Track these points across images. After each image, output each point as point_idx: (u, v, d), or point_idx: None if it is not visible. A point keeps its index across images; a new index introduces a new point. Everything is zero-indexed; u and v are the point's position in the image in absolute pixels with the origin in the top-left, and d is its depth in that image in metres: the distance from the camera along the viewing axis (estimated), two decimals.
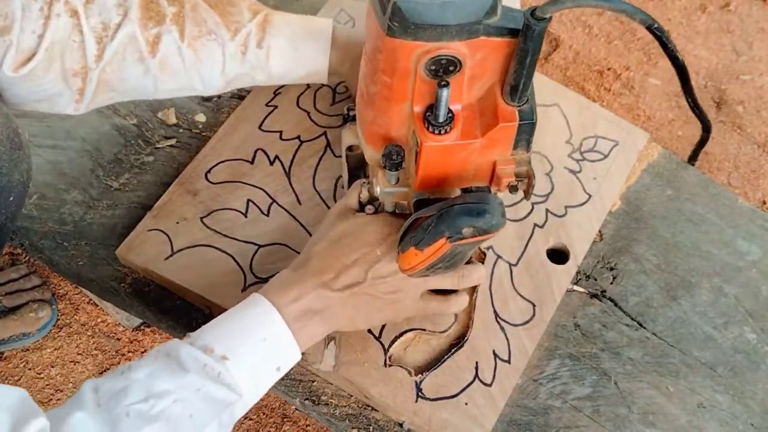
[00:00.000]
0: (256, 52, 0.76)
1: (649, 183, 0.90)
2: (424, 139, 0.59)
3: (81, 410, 0.56)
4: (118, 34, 0.71)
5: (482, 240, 0.59)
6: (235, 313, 0.65)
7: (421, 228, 0.59)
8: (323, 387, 0.77)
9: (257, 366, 0.63)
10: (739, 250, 0.86)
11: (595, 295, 0.83)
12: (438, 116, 0.58)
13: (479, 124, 0.60)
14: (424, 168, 0.62)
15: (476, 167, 0.63)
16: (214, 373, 0.60)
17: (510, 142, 0.61)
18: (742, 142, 1.65)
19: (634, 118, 1.66)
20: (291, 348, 0.65)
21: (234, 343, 0.62)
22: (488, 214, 0.57)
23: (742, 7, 1.83)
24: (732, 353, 0.80)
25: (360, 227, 0.68)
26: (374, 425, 0.75)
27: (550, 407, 0.76)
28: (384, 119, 0.62)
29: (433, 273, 0.64)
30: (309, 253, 0.69)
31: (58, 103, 0.74)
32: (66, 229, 0.85)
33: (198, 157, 0.86)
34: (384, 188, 0.67)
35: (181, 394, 0.58)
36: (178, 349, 0.61)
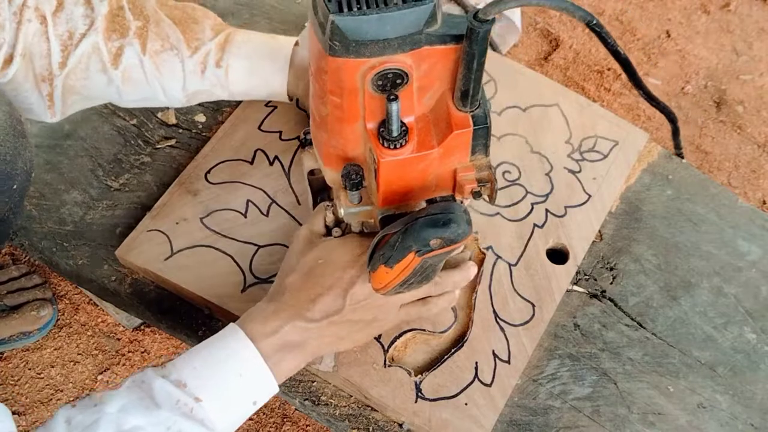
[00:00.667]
0: (215, 71, 0.77)
1: (649, 183, 0.90)
2: (381, 155, 0.58)
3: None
4: (82, 43, 0.72)
5: (451, 250, 0.58)
6: (211, 346, 0.64)
7: (388, 245, 0.58)
8: (323, 387, 0.77)
9: (231, 401, 0.62)
10: (739, 250, 0.86)
11: (595, 295, 0.83)
12: (392, 131, 0.57)
13: (434, 134, 0.59)
14: (385, 184, 0.61)
15: (437, 177, 0.62)
16: (187, 409, 0.59)
17: (467, 149, 0.60)
18: (742, 142, 1.65)
19: (634, 118, 1.66)
20: (267, 382, 0.64)
21: (208, 378, 0.61)
22: (453, 224, 0.56)
23: (742, 7, 1.83)
24: (732, 353, 0.80)
25: (330, 252, 0.67)
26: (374, 425, 0.75)
27: (549, 407, 0.76)
28: (339, 140, 0.61)
29: (407, 288, 0.63)
30: (282, 285, 0.68)
31: (35, 110, 0.75)
32: (66, 229, 0.85)
33: (198, 158, 0.86)
34: (348, 209, 0.66)
35: (151, 430, 0.58)
36: (152, 383, 0.60)
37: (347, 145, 0.62)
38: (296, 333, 0.65)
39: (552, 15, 1.83)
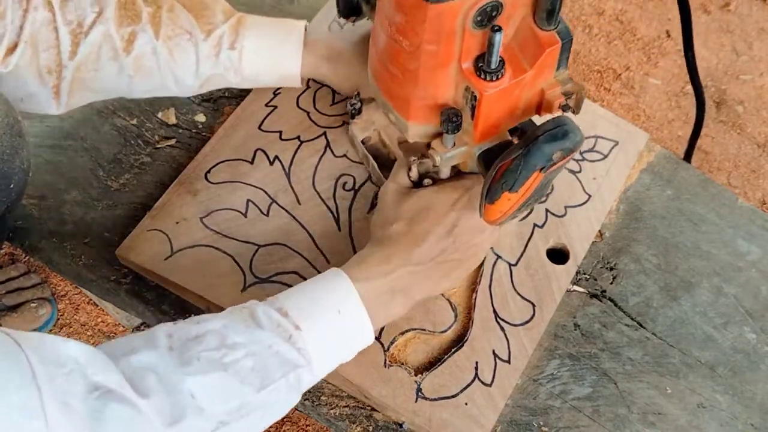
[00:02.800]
0: (229, 53, 0.77)
1: (649, 183, 0.90)
2: (484, 89, 0.60)
3: (153, 350, 0.57)
4: (93, 31, 0.72)
5: (569, 159, 0.61)
6: (316, 284, 0.66)
7: (509, 171, 0.60)
8: (323, 387, 0.77)
9: (328, 339, 0.63)
10: (739, 250, 0.86)
11: (595, 295, 0.83)
12: (491, 63, 0.59)
13: (524, 58, 0.61)
14: (485, 119, 0.63)
15: (526, 102, 0.64)
16: (286, 335, 0.61)
17: (554, 66, 0.63)
18: (742, 142, 1.65)
19: (634, 118, 1.66)
20: (365, 327, 0.65)
21: (309, 311, 0.63)
22: (571, 133, 0.59)
23: (742, 7, 1.83)
24: (732, 353, 0.80)
25: (429, 199, 0.71)
26: (374, 425, 0.75)
27: (550, 407, 0.76)
28: (430, 89, 0.63)
29: (522, 211, 0.66)
30: (386, 234, 0.70)
31: (38, 101, 0.75)
32: (66, 229, 0.85)
33: (198, 157, 0.87)
34: (445, 155, 0.68)
35: (252, 348, 0.59)
36: (255, 308, 0.62)
37: (438, 92, 0.64)
38: (405, 277, 0.68)
39: None
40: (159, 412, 0.54)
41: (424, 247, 0.68)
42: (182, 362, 0.57)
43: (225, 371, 0.57)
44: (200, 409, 0.55)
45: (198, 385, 0.56)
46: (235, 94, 0.94)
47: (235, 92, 0.94)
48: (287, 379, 0.60)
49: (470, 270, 0.75)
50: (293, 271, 0.79)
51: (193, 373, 0.56)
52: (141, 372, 0.55)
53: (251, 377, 0.58)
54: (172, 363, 0.56)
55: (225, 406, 0.57)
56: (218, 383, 0.57)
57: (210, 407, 0.56)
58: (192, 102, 0.94)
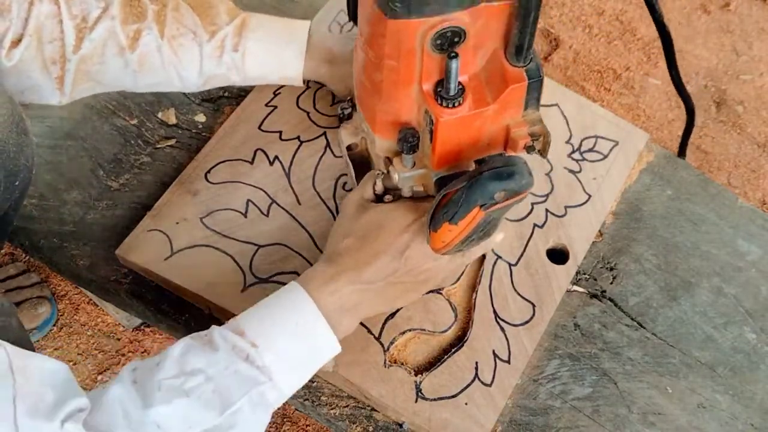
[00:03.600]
0: (232, 55, 0.78)
1: (648, 183, 0.90)
2: (439, 114, 0.59)
3: (118, 384, 0.58)
4: (98, 27, 0.72)
5: (514, 202, 0.60)
6: (271, 300, 0.66)
7: (452, 202, 0.59)
8: (323, 387, 0.77)
9: (289, 352, 0.63)
10: (739, 250, 0.86)
11: (595, 295, 0.83)
12: (449, 89, 0.58)
13: (488, 91, 0.60)
14: (441, 144, 0.62)
15: (490, 136, 0.63)
16: (243, 354, 0.61)
17: (521, 104, 0.62)
18: (742, 142, 1.65)
19: (634, 118, 1.66)
20: (327, 336, 0.65)
21: (265, 327, 0.63)
22: (517, 175, 0.58)
23: (742, 7, 1.83)
24: (732, 353, 0.80)
25: (384, 216, 0.69)
26: (374, 425, 0.75)
27: (550, 407, 0.76)
28: (393, 105, 0.63)
29: (467, 246, 0.65)
30: (338, 249, 0.69)
31: (42, 92, 0.75)
32: (66, 229, 0.85)
33: (198, 157, 0.86)
34: (402, 174, 0.67)
35: (210, 371, 0.59)
36: (212, 333, 0.62)
37: (401, 110, 0.63)
38: (354, 295, 0.67)
39: (552, 15, 1.82)
40: None
41: (374, 267, 0.67)
42: (144, 394, 0.57)
43: (188, 397, 0.57)
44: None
45: (162, 415, 0.56)
46: (235, 94, 0.94)
47: (235, 92, 0.94)
48: (250, 397, 0.60)
49: (422, 292, 0.73)
50: (293, 272, 0.79)
51: (156, 403, 0.56)
52: (108, 408, 0.56)
53: (213, 400, 0.58)
54: (135, 396, 0.57)
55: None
56: (181, 411, 0.57)
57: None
58: (192, 102, 0.94)
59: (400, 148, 0.65)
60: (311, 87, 0.91)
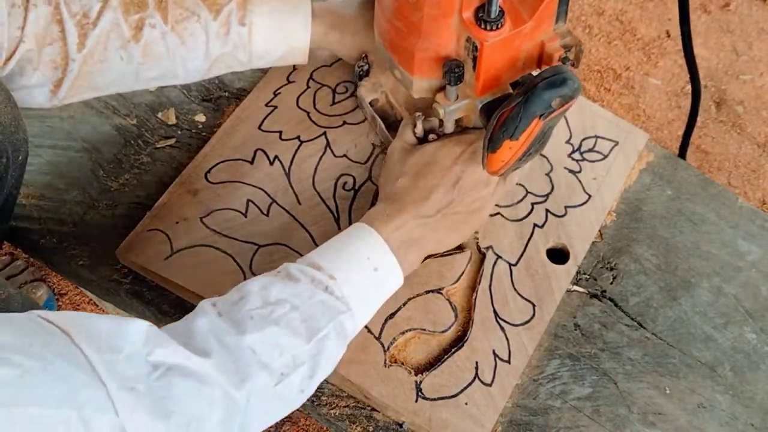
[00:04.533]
0: (239, 29, 0.78)
1: (648, 183, 0.90)
2: (484, 38, 0.62)
3: (203, 318, 0.59)
4: (101, 20, 0.72)
5: (568, 108, 0.62)
6: (340, 237, 0.69)
7: (509, 119, 0.62)
8: (323, 387, 0.77)
9: (363, 285, 0.66)
10: (739, 250, 0.86)
11: (595, 295, 0.83)
12: (491, 12, 0.61)
13: (523, 9, 0.63)
14: (486, 69, 0.65)
15: (527, 54, 0.66)
16: (323, 286, 0.63)
17: (553, 17, 0.65)
18: (742, 142, 1.65)
19: (634, 118, 1.66)
20: (394, 271, 0.68)
21: (340, 262, 0.66)
22: (569, 80, 0.61)
23: (742, 7, 1.83)
24: (732, 353, 0.80)
25: (433, 154, 0.73)
26: (374, 425, 0.75)
27: (550, 407, 0.76)
28: (433, 40, 0.65)
29: (524, 161, 0.67)
30: (393, 189, 0.73)
31: (33, 95, 0.74)
32: (66, 229, 0.85)
33: (198, 157, 0.86)
34: (448, 107, 0.70)
35: (294, 301, 0.61)
36: (288, 267, 0.65)
37: (441, 44, 0.66)
38: (417, 229, 0.70)
39: None
40: (225, 373, 0.56)
41: (431, 200, 0.71)
42: (235, 323, 0.59)
43: (277, 325, 0.59)
44: (263, 365, 0.58)
45: (257, 342, 0.58)
46: (235, 94, 0.94)
47: (235, 92, 0.94)
48: (334, 325, 0.62)
49: (477, 226, 0.77)
50: None
51: (250, 330, 0.58)
52: (200, 336, 0.57)
53: (301, 328, 0.60)
54: (225, 325, 0.59)
55: (282, 358, 0.59)
56: (274, 337, 0.59)
57: (271, 361, 0.58)
58: (192, 102, 0.94)
59: (447, 81, 0.67)
60: (311, 87, 0.91)
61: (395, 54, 0.71)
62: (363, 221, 0.70)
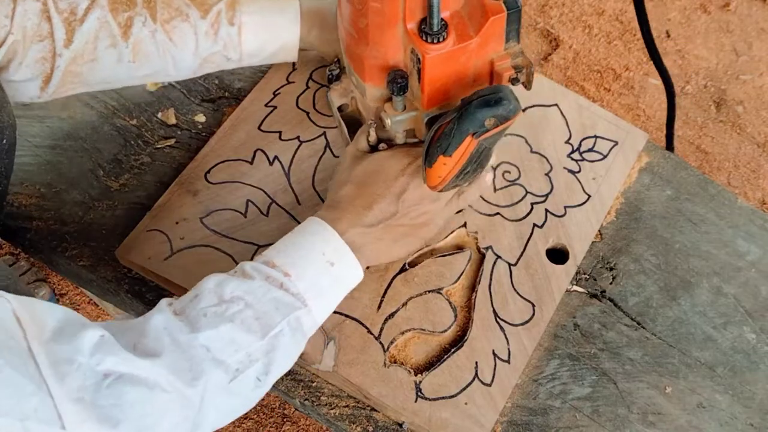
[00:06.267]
0: (228, 29, 0.78)
1: (648, 183, 0.90)
2: (426, 51, 0.61)
3: (158, 315, 0.59)
4: (88, 18, 0.72)
5: (504, 129, 0.61)
6: (295, 233, 0.68)
7: (444, 135, 0.61)
8: (323, 387, 0.77)
9: (319, 280, 0.65)
10: (739, 250, 0.86)
11: (595, 295, 0.83)
12: (433, 25, 0.60)
13: (471, 25, 0.62)
14: (430, 82, 0.64)
15: (475, 71, 0.65)
16: (277, 283, 0.63)
17: (502, 36, 0.64)
18: (742, 142, 1.65)
19: (634, 118, 1.66)
20: (352, 264, 0.68)
21: (295, 258, 0.65)
22: (505, 101, 0.59)
23: (742, 7, 1.83)
24: (731, 353, 0.80)
25: (380, 163, 0.72)
26: (374, 425, 0.75)
27: (549, 407, 0.76)
28: (380, 49, 0.65)
29: (463, 179, 0.67)
30: (337, 197, 0.72)
31: (23, 89, 0.74)
32: (66, 229, 0.85)
33: (197, 158, 0.87)
34: (394, 118, 0.69)
35: (248, 298, 0.61)
36: (243, 266, 0.65)
37: (388, 53, 0.65)
38: (357, 237, 0.69)
39: (552, 15, 1.83)
40: (177, 372, 0.56)
41: (374, 210, 0.70)
42: (189, 321, 0.59)
43: (231, 322, 0.59)
44: (218, 361, 0.58)
45: (210, 339, 0.58)
46: (235, 94, 0.94)
47: (235, 92, 0.94)
48: (288, 321, 0.62)
49: (425, 239, 0.75)
50: None
51: (204, 328, 0.58)
52: (153, 334, 0.57)
53: (254, 325, 0.60)
54: (180, 323, 0.59)
55: (237, 355, 0.59)
56: (228, 334, 0.59)
57: (226, 358, 0.58)
58: (192, 102, 0.94)
59: (390, 90, 0.67)
60: (310, 87, 0.91)
61: (350, 60, 0.70)
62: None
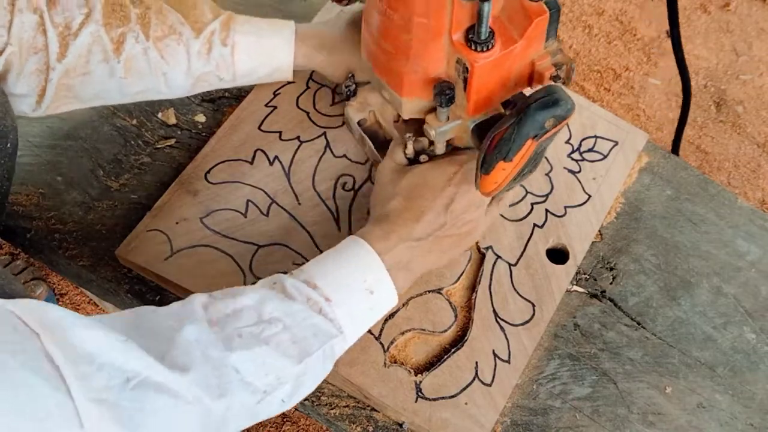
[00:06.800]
0: (221, 49, 0.78)
1: (648, 183, 0.90)
2: (474, 59, 0.61)
3: (192, 325, 0.57)
4: (82, 33, 0.72)
5: (561, 128, 0.62)
6: (337, 253, 0.67)
7: (503, 141, 0.61)
8: (323, 387, 0.77)
9: (357, 308, 0.65)
10: (739, 250, 0.86)
11: (595, 295, 0.83)
12: (481, 33, 0.60)
13: (513, 29, 0.63)
14: (477, 90, 0.64)
15: (517, 74, 0.66)
16: (317, 307, 0.62)
17: (543, 37, 0.64)
18: (742, 142, 1.65)
19: (634, 118, 1.66)
20: (390, 294, 0.67)
21: (337, 282, 0.64)
22: (562, 101, 0.60)
23: (742, 7, 1.83)
24: (731, 353, 0.80)
25: (425, 175, 0.72)
26: (374, 425, 0.75)
27: (549, 407, 0.76)
28: (423, 63, 0.65)
29: (518, 181, 0.67)
30: (384, 211, 0.71)
31: (20, 104, 0.74)
32: (66, 229, 0.85)
33: (198, 158, 0.87)
34: (439, 128, 0.69)
35: (288, 321, 0.60)
36: (284, 282, 0.63)
37: (430, 66, 0.65)
38: (407, 252, 0.69)
39: None
40: (204, 387, 0.55)
41: (423, 223, 0.69)
42: (224, 338, 0.58)
43: (267, 345, 0.58)
44: (246, 383, 0.57)
45: (242, 361, 0.57)
46: (235, 94, 0.94)
47: (235, 92, 0.94)
48: (323, 349, 0.62)
49: (468, 246, 0.76)
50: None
51: (237, 348, 0.57)
52: (184, 346, 0.56)
53: (291, 350, 0.60)
54: (214, 339, 0.57)
55: (267, 378, 0.58)
56: (261, 357, 0.58)
57: (255, 381, 0.57)
58: (192, 102, 0.94)
59: (438, 103, 0.67)
60: (311, 87, 0.91)
61: (383, 75, 0.70)
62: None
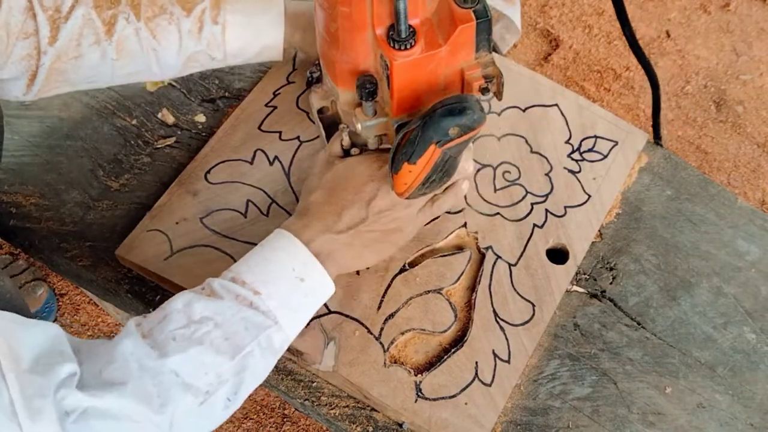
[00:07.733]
0: (212, 28, 0.78)
1: (648, 183, 0.90)
2: (393, 57, 0.61)
3: (127, 339, 0.59)
4: (72, 15, 0.72)
5: (468, 138, 0.61)
6: (263, 248, 0.68)
7: (409, 142, 0.61)
8: (323, 387, 0.77)
9: (290, 297, 0.65)
10: (739, 250, 0.86)
11: (595, 295, 0.83)
12: (400, 31, 0.60)
13: (440, 34, 0.62)
14: (399, 89, 0.63)
15: (446, 80, 0.65)
16: (247, 302, 0.63)
17: (472, 45, 0.63)
18: (742, 142, 1.65)
19: (634, 118, 1.66)
20: (322, 279, 0.67)
21: (265, 275, 0.65)
22: (469, 110, 0.59)
23: (742, 7, 1.83)
24: (731, 353, 0.80)
25: (351, 169, 0.72)
26: (374, 425, 0.75)
27: (549, 407, 0.76)
28: (350, 53, 0.65)
29: (429, 188, 0.66)
30: (307, 203, 0.72)
31: (9, 88, 0.74)
32: (66, 229, 0.85)
33: (198, 158, 0.87)
34: (364, 122, 0.69)
35: (218, 319, 0.61)
36: (211, 283, 0.64)
37: (358, 58, 0.65)
38: (326, 243, 0.69)
39: (552, 15, 1.83)
40: (144, 399, 0.56)
41: (343, 216, 0.69)
42: (158, 345, 0.59)
43: (201, 345, 0.59)
44: (187, 386, 0.58)
45: (179, 363, 0.58)
46: (235, 94, 0.94)
47: (235, 92, 0.94)
48: (258, 341, 0.62)
49: (398, 244, 0.75)
50: None
51: (172, 352, 0.58)
52: (121, 360, 0.57)
53: (224, 346, 0.60)
54: (149, 349, 0.58)
55: (207, 377, 0.59)
56: (197, 357, 0.59)
57: (195, 381, 0.58)
58: (192, 102, 0.94)
59: (359, 95, 0.66)
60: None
61: (324, 64, 0.70)
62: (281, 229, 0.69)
